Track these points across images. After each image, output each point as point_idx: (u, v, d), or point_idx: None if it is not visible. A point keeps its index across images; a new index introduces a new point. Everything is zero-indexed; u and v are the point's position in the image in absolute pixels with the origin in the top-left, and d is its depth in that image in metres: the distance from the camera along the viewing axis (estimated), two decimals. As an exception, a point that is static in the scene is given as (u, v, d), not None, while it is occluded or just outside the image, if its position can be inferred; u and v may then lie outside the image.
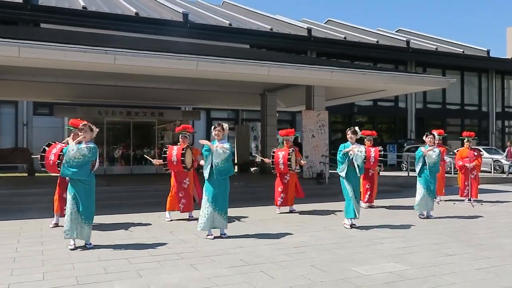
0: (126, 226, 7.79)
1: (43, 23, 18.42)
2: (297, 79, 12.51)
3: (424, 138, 9.04)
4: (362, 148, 7.68)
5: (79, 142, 6.07)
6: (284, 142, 9.67)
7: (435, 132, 9.45)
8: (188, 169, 8.38)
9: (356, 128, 7.71)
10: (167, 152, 8.32)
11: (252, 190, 12.32)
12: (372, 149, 10.15)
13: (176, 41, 17.02)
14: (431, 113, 29.59)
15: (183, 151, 8.21)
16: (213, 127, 6.92)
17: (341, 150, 7.62)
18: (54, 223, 7.68)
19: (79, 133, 6.24)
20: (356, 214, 7.51)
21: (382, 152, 10.87)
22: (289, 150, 9.41)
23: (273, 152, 9.63)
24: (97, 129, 6.36)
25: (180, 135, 8.65)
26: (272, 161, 9.44)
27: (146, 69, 10.55)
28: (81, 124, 6.27)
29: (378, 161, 10.48)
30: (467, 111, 30.90)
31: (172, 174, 8.53)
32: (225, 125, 6.85)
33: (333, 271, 5.03)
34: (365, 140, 10.11)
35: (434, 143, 9.14)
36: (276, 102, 18.14)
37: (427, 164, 8.79)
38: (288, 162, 9.29)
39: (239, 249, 6.07)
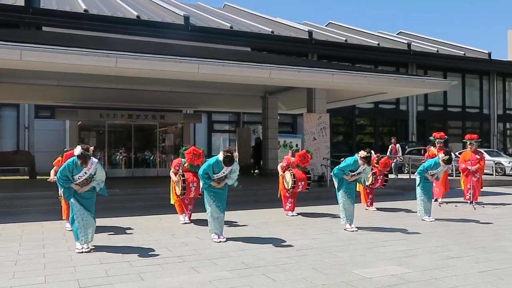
0: (127, 229, 7.79)
1: (44, 26, 18.44)
2: (298, 81, 12.50)
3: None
4: (368, 169, 7.87)
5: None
6: (289, 148, 9.58)
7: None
8: (178, 195, 8.15)
9: (369, 154, 7.58)
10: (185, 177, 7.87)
11: (253, 193, 12.31)
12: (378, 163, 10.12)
13: (177, 44, 17.05)
14: (432, 115, 29.56)
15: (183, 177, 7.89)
16: (224, 156, 6.54)
17: (347, 165, 7.59)
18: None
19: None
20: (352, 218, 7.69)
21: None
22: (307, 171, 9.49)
23: (286, 169, 9.42)
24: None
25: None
26: (293, 180, 9.09)
27: (147, 72, 10.56)
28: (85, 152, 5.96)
29: (384, 180, 10.46)
30: (469, 114, 30.85)
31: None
32: (235, 154, 6.80)
33: (334, 274, 5.02)
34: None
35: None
36: (277, 104, 18.14)
37: (434, 174, 8.84)
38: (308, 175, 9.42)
39: (241, 252, 6.06)
